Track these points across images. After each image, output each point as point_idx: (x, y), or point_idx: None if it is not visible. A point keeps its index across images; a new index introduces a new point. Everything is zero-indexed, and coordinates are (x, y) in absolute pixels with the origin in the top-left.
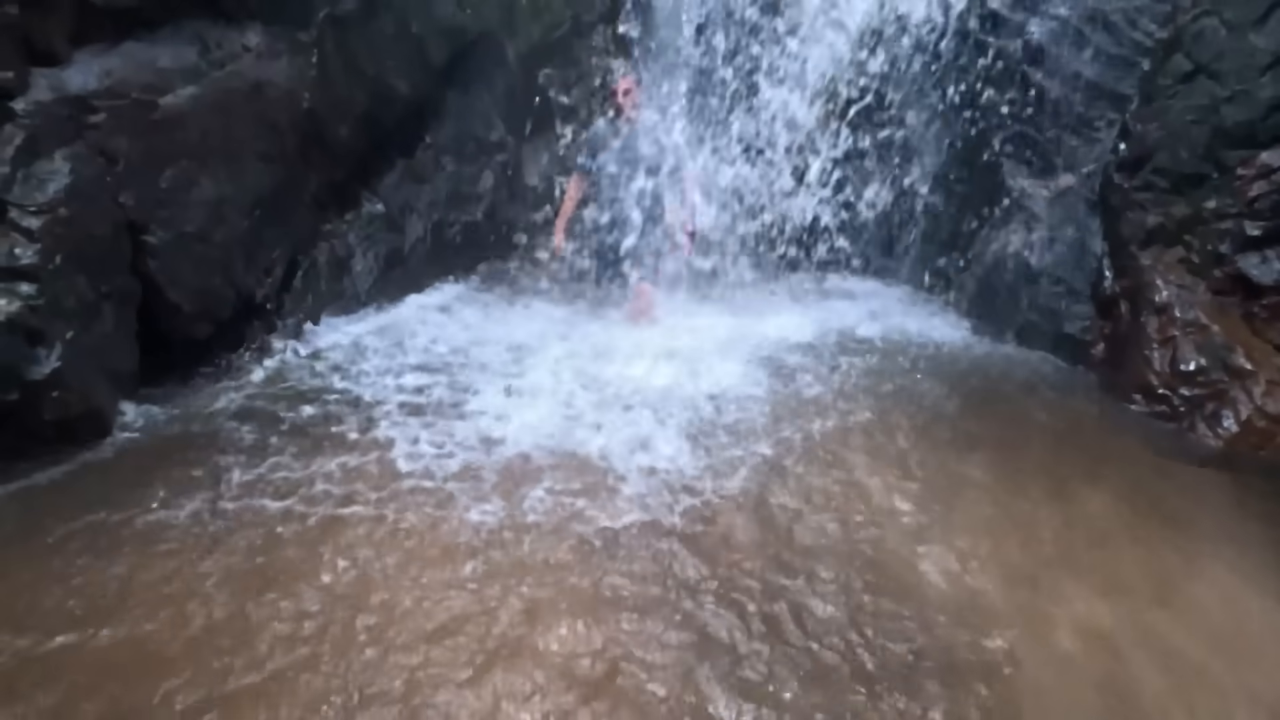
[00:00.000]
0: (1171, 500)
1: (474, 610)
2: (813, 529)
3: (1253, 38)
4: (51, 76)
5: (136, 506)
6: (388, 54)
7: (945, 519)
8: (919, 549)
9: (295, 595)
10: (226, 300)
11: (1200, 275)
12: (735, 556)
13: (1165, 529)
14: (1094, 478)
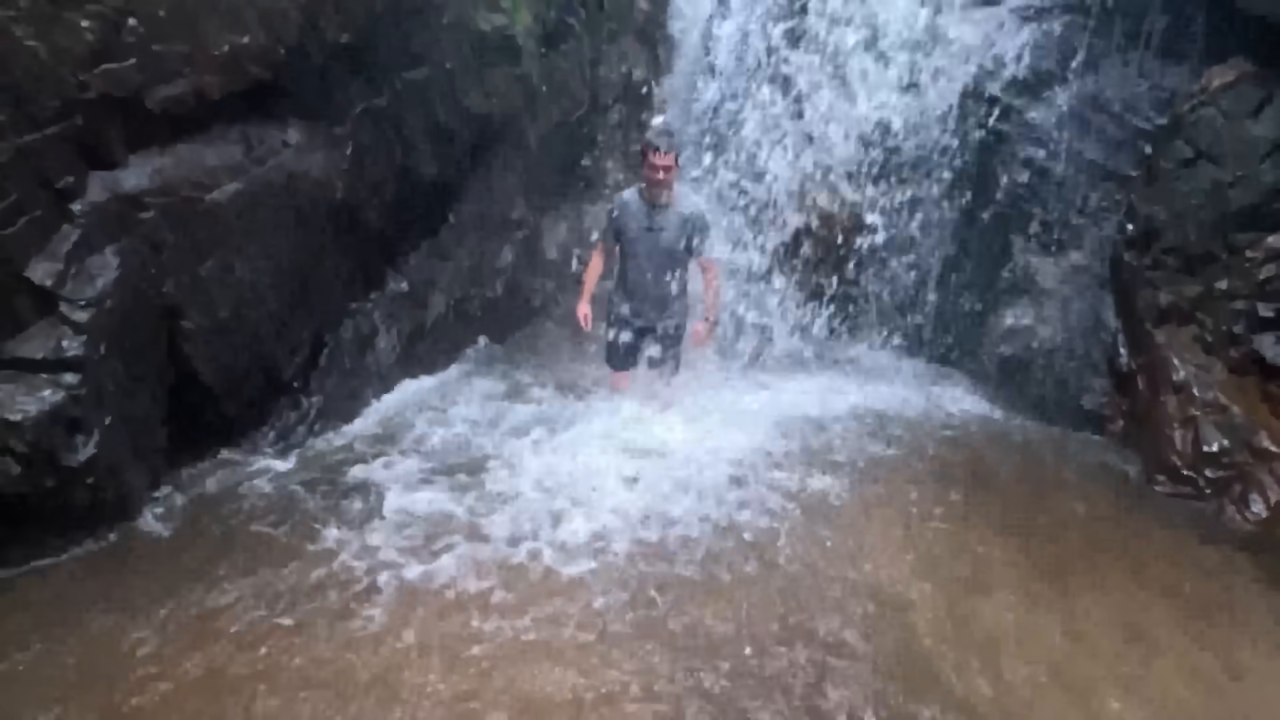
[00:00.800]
0: (1209, 592)
1: None
2: (837, 619)
3: (1250, 126)
4: (108, 178)
5: (146, 600)
6: (416, 142)
7: (975, 611)
8: (944, 648)
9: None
10: (255, 380)
11: (1216, 354)
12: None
13: (1209, 627)
14: (1129, 568)
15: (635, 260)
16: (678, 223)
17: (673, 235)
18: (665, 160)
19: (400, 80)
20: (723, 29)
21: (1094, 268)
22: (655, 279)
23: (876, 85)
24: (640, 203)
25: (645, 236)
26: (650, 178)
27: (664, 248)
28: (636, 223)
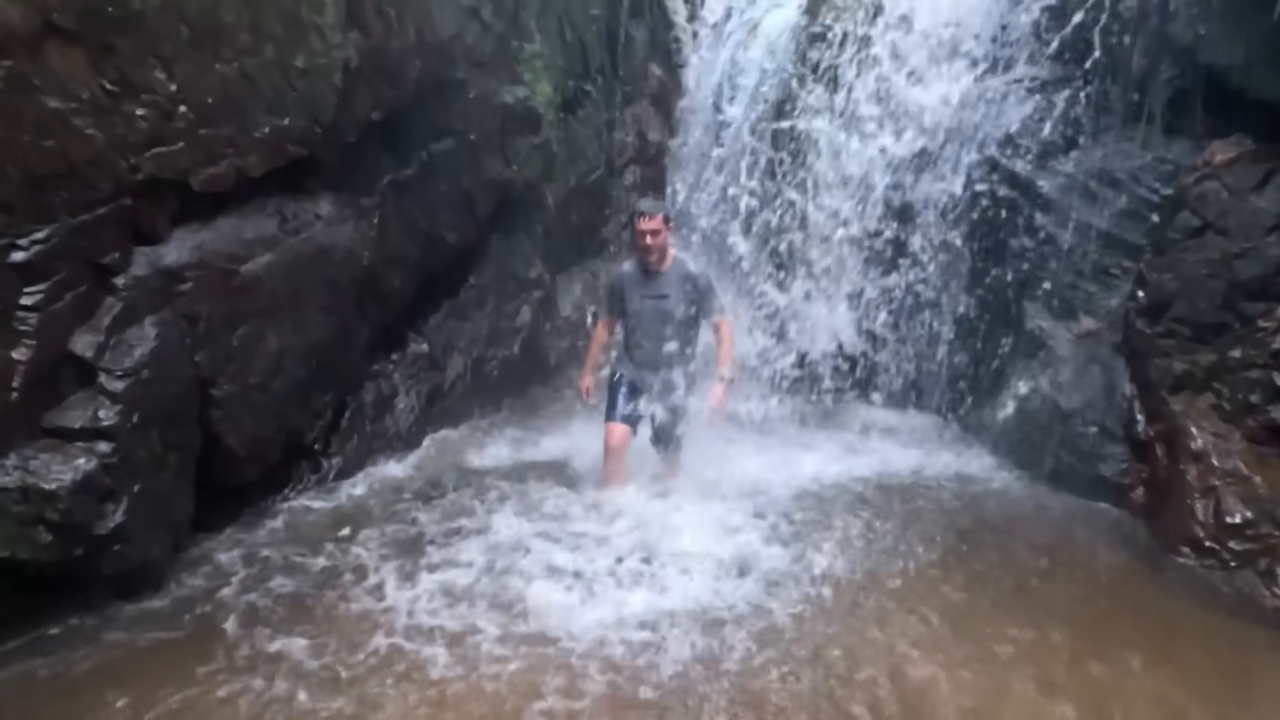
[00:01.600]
0: (1242, 674)
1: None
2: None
3: (1254, 200)
4: (151, 253)
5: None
6: (440, 210)
7: (1001, 694)
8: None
9: None
10: (279, 444)
11: (1234, 423)
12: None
13: (1242, 712)
14: (1155, 649)
15: (639, 331)
16: (679, 286)
17: (675, 300)
18: (651, 224)
19: (427, 152)
20: (729, 111)
21: (1106, 334)
22: (660, 348)
23: (889, 152)
24: (638, 272)
25: (647, 305)
26: (639, 244)
27: (668, 313)
28: (637, 292)
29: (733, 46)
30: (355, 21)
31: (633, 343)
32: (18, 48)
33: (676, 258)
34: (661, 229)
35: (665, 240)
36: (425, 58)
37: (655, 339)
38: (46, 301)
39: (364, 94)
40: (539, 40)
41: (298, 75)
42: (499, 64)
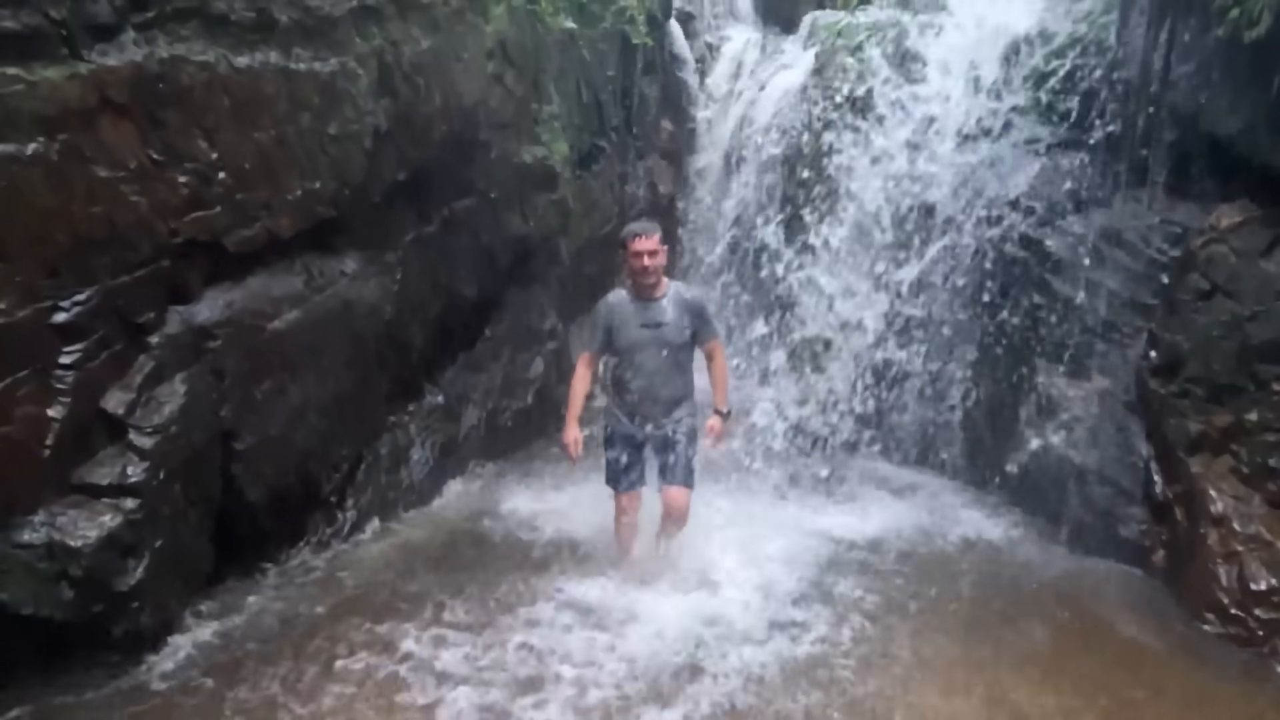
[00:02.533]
0: None
1: None
2: None
3: (1262, 264)
4: (184, 312)
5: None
6: (460, 264)
7: None
8: None
9: None
10: (297, 497)
11: (1254, 487)
12: None
13: None
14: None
15: (635, 365)
16: (677, 312)
17: (674, 328)
18: (648, 243)
19: (449, 209)
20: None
21: (1119, 393)
22: (662, 380)
23: (899, 208)
24: (630, 301)
25: (644, 335)
26: (635, 267)
27: (667, 343)
28: (631, 323)
29: (743, 104)
30: (386, 89)
31: (625, 379)
32: (74, 122)
33: (672, 283)
34: (659, 249)
35: (662, 262)
36: (450, 121)
37: (653, 371)
38: (84, 360)
39: (391, 156)
40: (557, 102)
41: (330, 141)
42: (519, 125)
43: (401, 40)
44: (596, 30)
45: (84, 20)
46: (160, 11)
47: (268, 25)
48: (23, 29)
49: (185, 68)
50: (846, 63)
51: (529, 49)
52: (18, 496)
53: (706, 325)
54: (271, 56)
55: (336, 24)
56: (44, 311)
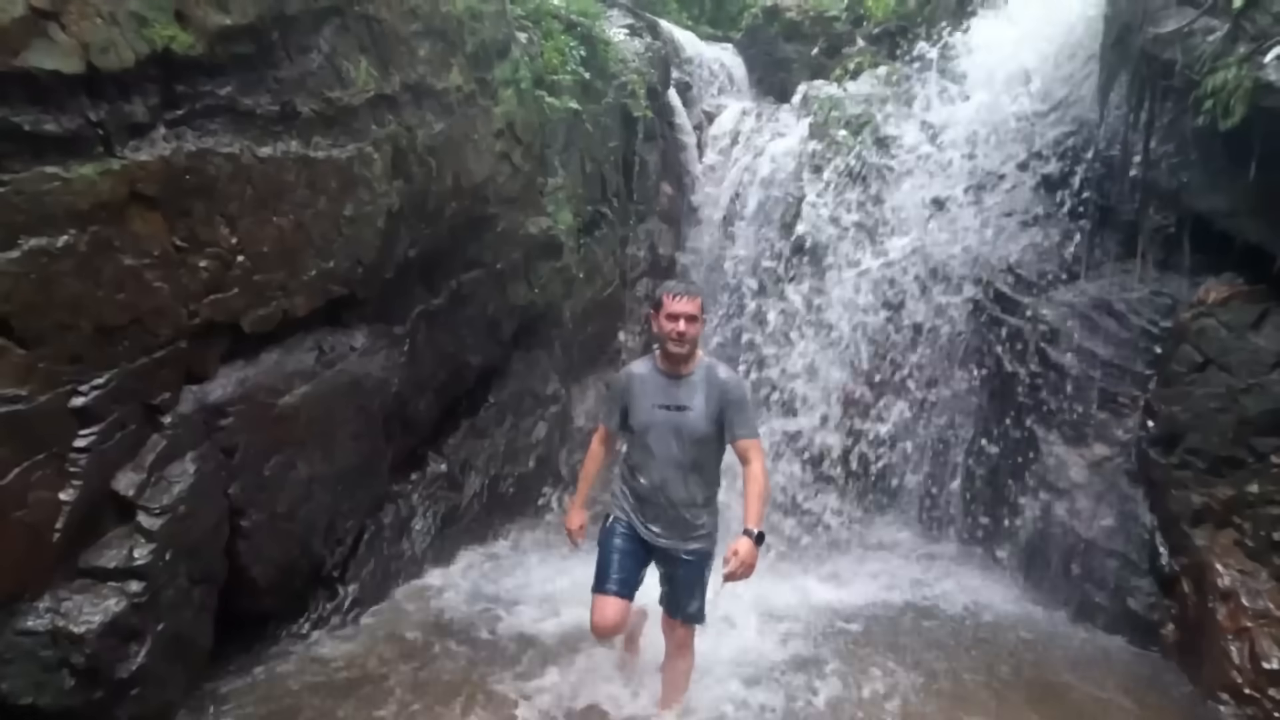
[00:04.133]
0: None
1: None
2: None
3: (1253, 338)
4: (199, 391)
5: None
6: (467, 335)
7: None
8: None
9: None
10: (301, 574)
11: (1260, 561)
12: None
13: None
14: None
15: (649, 451)
16: (705, 397)
17: (700, 415)
18: (687, 306)
19: (457, 281)
20: (736, 228)
21: (1120, 462)
22: (678, 479)
23: (894, 277)
24: (656, 375)
25: (663, 418)
26: (668, 332)
27: (689, 432)
28: (651, 400)
29: (739, 170)
30: (400, 171)
31: (637, 467)
32: (104, 214)
33: (704, 359)
34: (698, 316)
35: (699, 333)
36: (460, 199)
37: (668, 464)
38: (98, 442)
39: (403, 234)
40: (562, 174)
41: (346, 222)
42: (526, 199)
43: (416, 125)
44: (600, 105)
45: (120, 120)
46: (191, 109)
47: (290, 116)
48: (63, 131)
49: (212, 159)
50: (839, 135)
51: (535, 127)
52: (26, 582)
53: (741, 416)
54: (293, 145)
55: (355, 113)
56: (63, 396)
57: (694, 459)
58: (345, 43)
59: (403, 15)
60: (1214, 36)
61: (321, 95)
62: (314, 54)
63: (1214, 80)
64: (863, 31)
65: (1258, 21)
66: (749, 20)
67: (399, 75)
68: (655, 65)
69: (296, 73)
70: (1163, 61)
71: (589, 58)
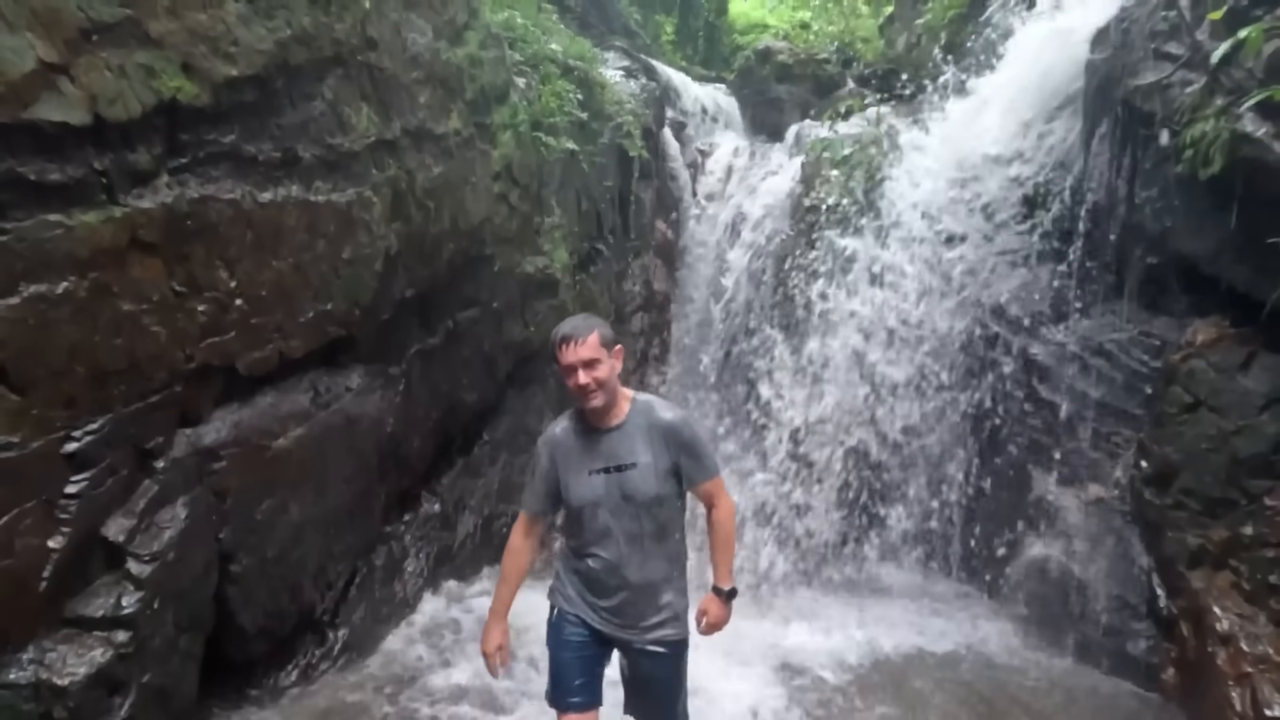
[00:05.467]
0: None
1: None
2: None
3: (1241, 380)
4: (192, 434)
5: None
6: (462, 374)
7: None
8: None
9: None
10: (290, 619)
11: (1257, 604)
12: None
13: None
14: None
15: (594, 527)
16: (650, 447)
17: (648, 470)
18: (579, 352)
19: (453, 320)
20: (730, 263)
21: (1115, 502)
22: (633, 554)
23: (884, 314)
24: (582, 433)
25: (604, 484)
26: (571, 386)
27: (639, 494)
28: (584, 465)
29: (733, 208)
30: (399, 213)
31: (581, 548)
32: (104, 260)
33: (637, 400)
34: (599, 357)
35: (611, 374)
36: (458, 240)
37: (619, 538)
38: (90, 488)
39: (401, 275)
40: (558, 213)
41: (344, 265)
42: (522, 238)
43: (415, 168)
44: (596, 145)
45: (124, 168)
46: (194, 156)
47: (292, 162)
48: (67, 180)
49: (213, 205)
50: (831, 175)
51: (533, 169)
52: (9, 633)
53: (696, 458)
54: (293, 190)
55: (356, 158)
56: (56, 442)
57: (652, 526)
58: (347, 90)
59: (405, 64)
60: (1192, 89)
61: (323, 141)
62: (317, 101)
63: (1193, 131)
64: (853, 72)
65: (1233, 75)
66: (741, 61)
67: (399, 121)
68: (650, 105)
69: (299, 119)
70: (1143, 111)
71: (586, 100)
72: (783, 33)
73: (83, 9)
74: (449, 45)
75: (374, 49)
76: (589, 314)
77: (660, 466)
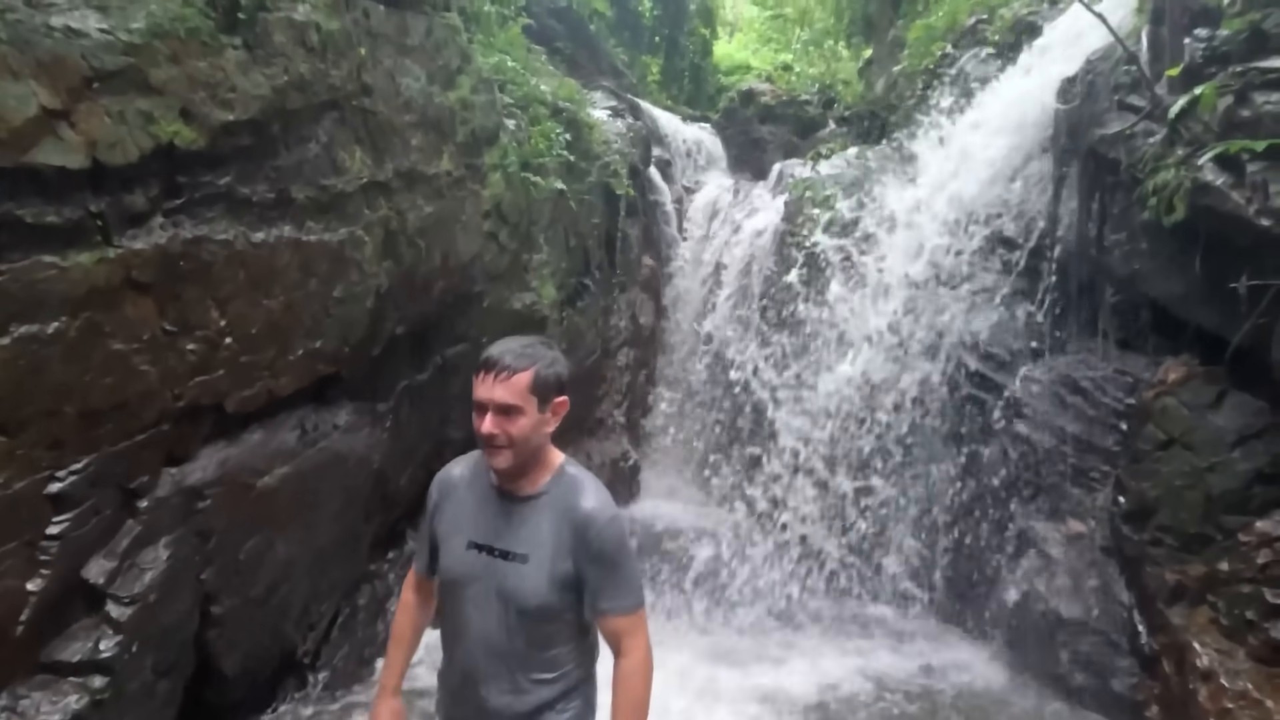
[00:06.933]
0: None
1: None
2: None
3: (1212, 418)
4: (178, 473)
5: None
6: (450, 408)
7: None
8: None
9: None
10: (271, 661)
11: (1236, 640)
12: None
13: None
14: None
15: (457, 620)
16: (554, 539)
17: (541, 571)
18: (497, 391)
19: (441, 356)
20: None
21: (1096, 536)
22: (496, 671)
23: (870, 348)
24: (483, 488)
25: (480, 568)
26: (479, 436)
27: (518, 598)
28: (465, 532)
29: (718, 244)
30: (390, 252)
31: (445, 639)
32: (96, 300)
33: (565, 472)
34: (522, 405)
35: (534, 432)
36: (449, 277)
37: (481, 646)
38: (71, 529)
39: (391, 313)
40: (546, 250)
41: (335, 303)
42: (511, 275)
43: (407, 208)
44: (583, 184)
45: (120, 211)
46: (190, 198)
47: (286, 203)
48: (64, 222)
49: (207, 246)
50: (813, 213)
51: (522, 207)
52: None
53: (610, 576)
54: (286, 230)
55: (349, 198)
56: (40, 483)
57: (524, 645)
58: (342, 133)
59: (398, 108)
60: (1154, 139)
61: (317, 183)
62: (311, 144)
63: (1156, 179)
64: (834, 114)
65: (1191, 128)
66: (726, 102)
67: (392, 163)
68: (637, 145)
69: (294, 161)
70: (1109, 159)
71: (574, 140)
72: (766, 74)
73: (86, 57)
74: (442, 90)
75: (368, 94)
76: (542, 342)
77: (557, 571)
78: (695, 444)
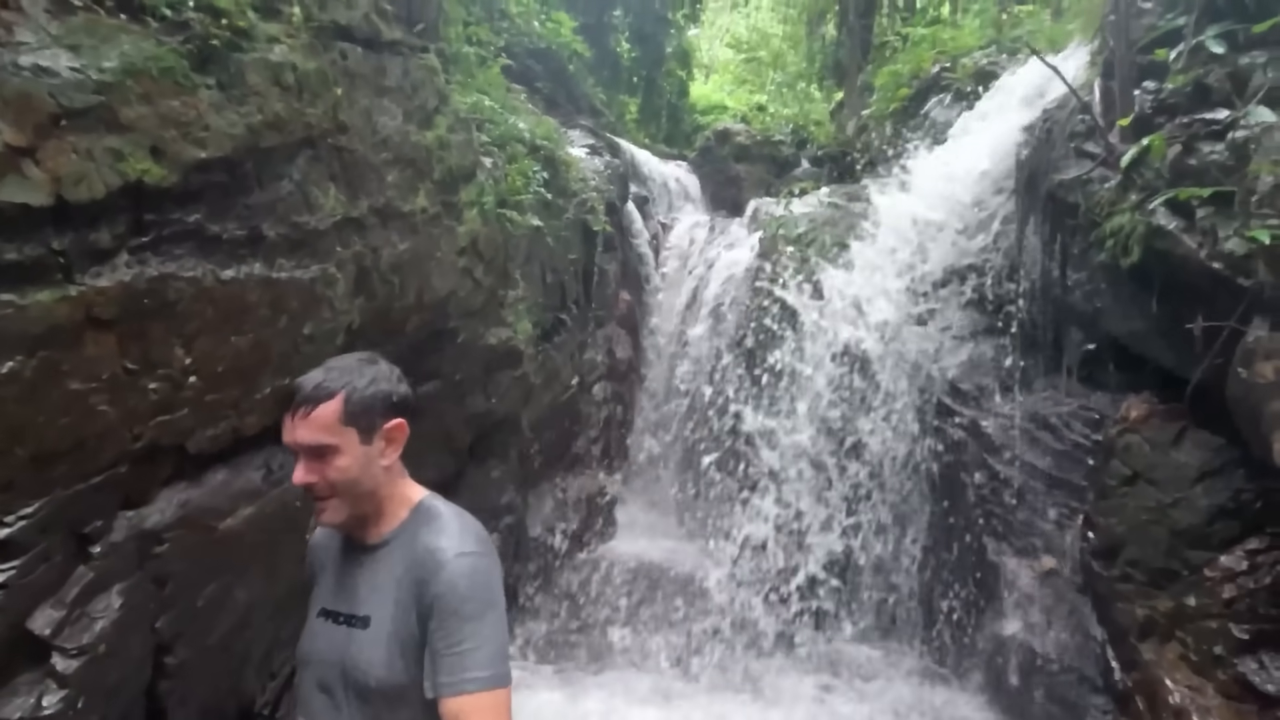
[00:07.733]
0: None
1: None
2: None
3: (1174, 454)
4: (134, 516)
5: None
6: (421, 447)
7: None
8: None
9: None
10: (228, 713)
11: (1205, 676)
12: None
13: None
14: None
15: (300, 700)
16: (392, 585)
17: (376, 629)
18: (299, 432)
19: (414, 394)
20: (691, 334)
21: (1068, 572)
22: None
23: (841, 385)
24: (334, 539)
25: (319, 635)
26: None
27: (357, 676)
28: (319, 593)
29: (694, 279)
30: (363, 289)
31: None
32: (55, 339)
33: (420, 508)
34: (336, 443)
35: (361, 470)
36: (423, 313)
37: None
38: (17, 578)
39: (363, 349)
40: (522, 286)
41: (305, 340)
42: (487, 311)
43: (381, 245)
44: (560, 221)
45: (84, 248)
46: (158, 235)
47: (256, 240)
48: (24, 259)
49: (173, 283)
50: (787, 250)
51: (498, 244)
52: None
53: (451, 635)
54: (256, 268)
55: (322, 236)
56: None
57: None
58: (316, 171)
59: (374, 146)
60: (1110, 184)
61: (289, 220)
62: (284, 182)
63: (1113, 223)
64: (806, 153)
65: (1144, 174)
66: (702, 141)
67: (367, 200)
68: (614, 182)
69: (267, 199)
70: (1068, 203)
71: (551, 177)
72: (740, 114)
73: (55, 95)
74: (418, 129)
75: (344, 132)
76: (361, 359)
77: (400, 633)
78: (673, 480)
